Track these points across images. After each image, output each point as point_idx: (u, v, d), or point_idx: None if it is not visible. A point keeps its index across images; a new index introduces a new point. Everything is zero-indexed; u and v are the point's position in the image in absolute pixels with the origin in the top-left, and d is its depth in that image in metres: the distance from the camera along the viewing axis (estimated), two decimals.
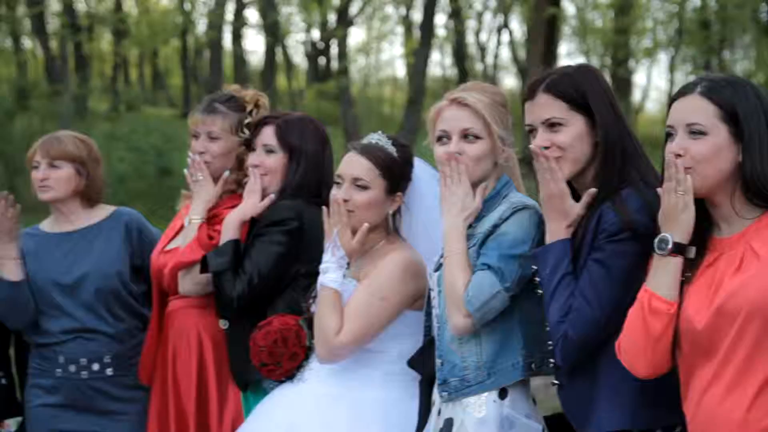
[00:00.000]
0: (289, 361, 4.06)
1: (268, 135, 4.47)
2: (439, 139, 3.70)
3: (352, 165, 3.96)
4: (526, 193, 3.74)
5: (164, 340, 4.67)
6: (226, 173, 4.59)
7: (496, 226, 3.52)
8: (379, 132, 4.09)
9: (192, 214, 4.53)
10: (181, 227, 4.61)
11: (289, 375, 4.10)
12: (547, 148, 3.36)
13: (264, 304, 4.29)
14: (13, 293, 4.69)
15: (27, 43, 41.74)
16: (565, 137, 3.37)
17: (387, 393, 3.93)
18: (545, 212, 3.39)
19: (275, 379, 4.13)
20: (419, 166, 4.09)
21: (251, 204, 4.42)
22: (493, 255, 3.47)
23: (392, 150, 3.99)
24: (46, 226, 4.90)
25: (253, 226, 4.40)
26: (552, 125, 3.38)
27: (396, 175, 3.98)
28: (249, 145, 4.54)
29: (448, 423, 3.58)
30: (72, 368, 4.73)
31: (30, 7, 31.40)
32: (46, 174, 4.74)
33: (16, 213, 4.71)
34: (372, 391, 3.93)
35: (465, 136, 3.65)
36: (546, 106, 3.39)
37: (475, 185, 3.63)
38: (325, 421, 3.87)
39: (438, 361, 3.64)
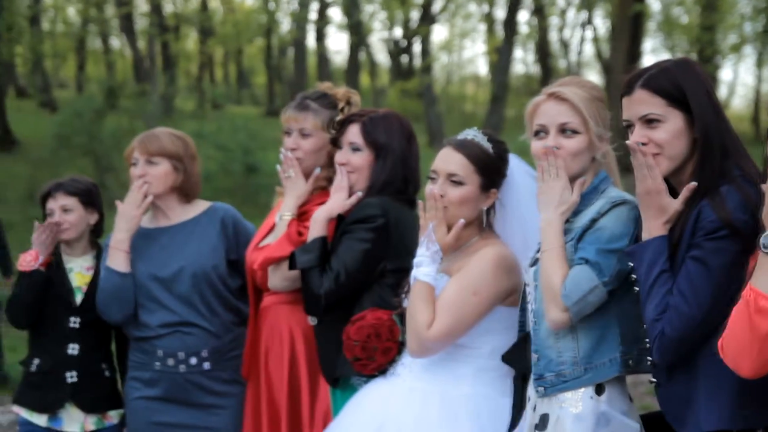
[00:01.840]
0: (382, 355, 4.07)
1: (353, 133, 4.48)
2: (537, 133, 3.68)
3: (447, 160, 3.96)
4: (624, 190, 3.70)
5: (257, 336, 4.72)
6: (317, 170, 4.62)
7: (594, 221, 3.49)
8: (475, 128, 4.07)
9: (283, 210, 4.57)
10: (275, 224, 4.65)
11: (382, 369, 4.11)
12: (644, 144, 3.33)
13: (351, 301, 4.31)
14: (120, 284, 4.78)
15: (115, 43, 42.39)
16: (663, 134, 3.33)
17: (478, 389, 3.92)
18: (642, 209, 3.35)
19: (368, 374, 4.14)
20: (514, 162, 4.06)
21: (338, 201, 4.43)
22: (591, 249, 3.44)
23: (488, 146, 3.98)
24: (144, 221, 4.95)
25: (340, 223, 4.42)
26: (649, 121, 3.34)
27: (491, 171, 3.97)
28: (336, 143, 4.56)
29: (544, 419, 3.56)
30: (170, 362, 4.80)
31: (118, 7, 31.85)
32: (144, 170, 4.81)
33: (146, 208, 4.81)
34: (463, 387, 3.92)
35: (563, 130, 3.62)
36: (643, 102, 3.35)
37: (572, 180, 3.60)
38: (417, 415, 3.87)
39: (534, 356, 3.62)
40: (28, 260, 4.89)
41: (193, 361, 4.81)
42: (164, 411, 4.81)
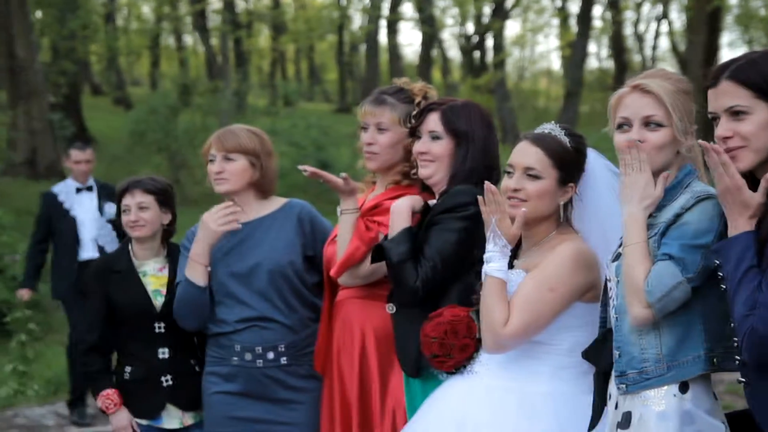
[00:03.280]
0: (459, 352, 4.02)
1: (433, 121, 4.44)
2: (620, 126, 3.61)
3: (524, 154, 3.91)
4: (710, 184, 3.61)
5: (332, 331, 4.72)
6: (342, 174, 4.58)
7: (678, 216, 3.42)
8: (552, 122, 4.03)
9: (342, 206, 4.56)
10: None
11: (459, 366, 4.06)
12: (729, 137, 3.25)
13: (439, 290, 4.26)
14: (198, 296, 4.80)
15: (188, 40, 42.83)
16: (750, 126, 3.25)
17: (557, 386, 3.87)
18: (724, 207, 3.28)
19: (446, 371, 4.10)
20: (593, 156, 4.01)
21: (419, 198, 4.42)
22: (675, 245, 3.37)
23: (565, 140, 3.92)
24: None
25: (426, 213, 4.38)
26: (735, 113, 3.27)
27: (568, 165, 3.91)
28: (414, 133, 4.52)
29: (627, 417, 3.50)
30: (248, 356, 4.81)
31: (192, 5, 32.16)
32: (222, 167, 4.83)
33: (233, 221, 4.77)
34: (542, 385, 3.87)
35: (646, 123, 3.55)
36: (729, 94, 3.28)
37: (656, 174, 3.53)
38: (495, 413, 3.83)
39: (616, 353, 3.56)
40: (111, 409, 5.02)
41: (271, 355, 4.82)
42: (242, 406, 4.83)
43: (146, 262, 5.11)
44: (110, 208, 9.05)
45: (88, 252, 9.11)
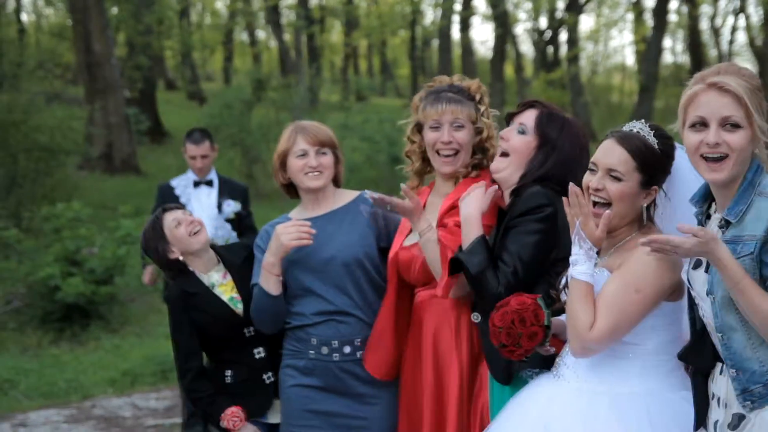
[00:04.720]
0: (528, 340, 3.91)
1: (528, 116, 4.42)
2: (693, 125, 3.47)
3: (608, 153, 3.82)
4: None
5: (402, 334, 4.73)
6: (403, 187, 4.55)
7: None
8: (642, 120, 3.91)
9: (417, 228, 4.55)
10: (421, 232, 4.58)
11: (529, 354, 3.96)
12: None
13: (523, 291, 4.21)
14: (271, 305, 4.81)
15: (261, 35, 43.07)
16: None
17: (645, 386, 3.80)
18: None
19: (515, 359, 4.03)
20: (680, 154, 3.86)
21: (480, 195, 4.38)
22: None
23: (653, 141, 3.81)
24: (295, 214, 5.00)
25: (501, 216, 4.34)
26: None
27: (653, 168, 3.81)
28: (509, 121, 4.50)
29: (738, 418, 3.44)
30: (324, 350, 4.81)
31: (265, 0, 32.32)
32: (319, 161, 4.87)
33: (305, 238, 4.74)
34: (632, 385, 3.81)
35: (724, 124, 3.41)
36: None
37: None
38: (584, 416, 3.78)
39: (732, 371, 3.45)
40: (238, 425, 4.99)
41: (347, 349, 4.81)
42: (319, 400, 4.82)
43: (210, 274, 5.11)
44: (229, 207, 8.31)
45: None
